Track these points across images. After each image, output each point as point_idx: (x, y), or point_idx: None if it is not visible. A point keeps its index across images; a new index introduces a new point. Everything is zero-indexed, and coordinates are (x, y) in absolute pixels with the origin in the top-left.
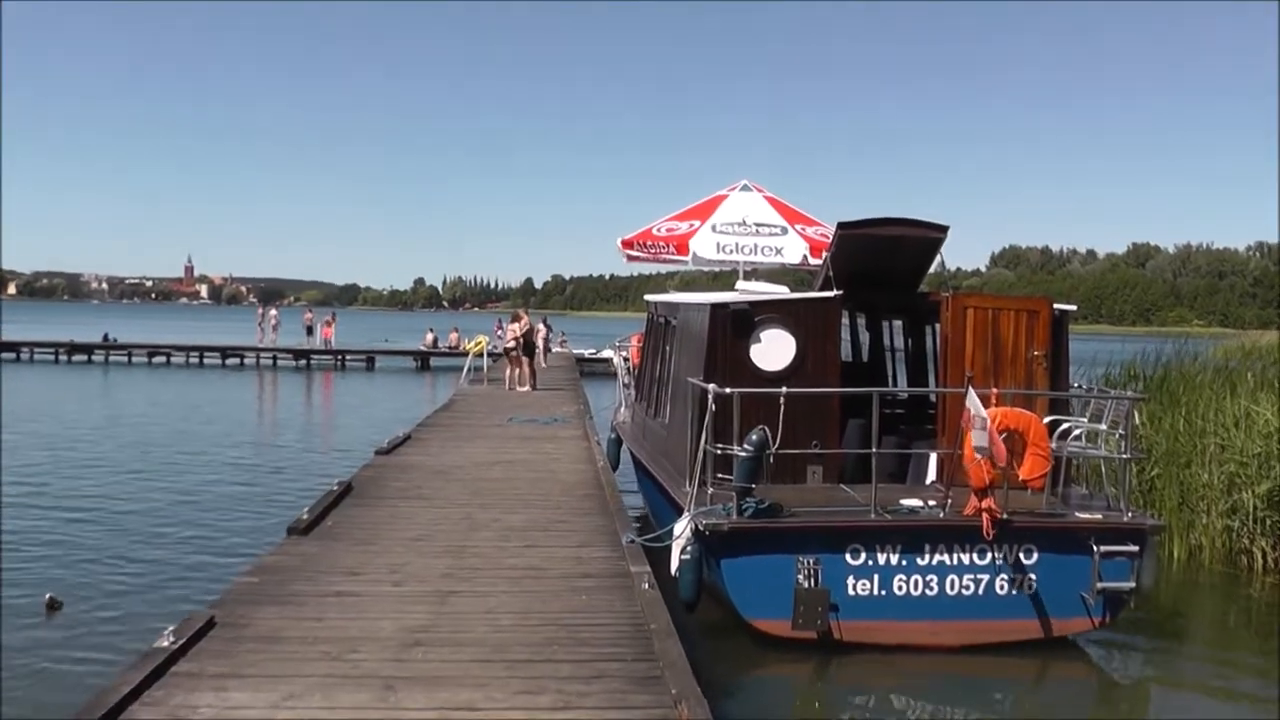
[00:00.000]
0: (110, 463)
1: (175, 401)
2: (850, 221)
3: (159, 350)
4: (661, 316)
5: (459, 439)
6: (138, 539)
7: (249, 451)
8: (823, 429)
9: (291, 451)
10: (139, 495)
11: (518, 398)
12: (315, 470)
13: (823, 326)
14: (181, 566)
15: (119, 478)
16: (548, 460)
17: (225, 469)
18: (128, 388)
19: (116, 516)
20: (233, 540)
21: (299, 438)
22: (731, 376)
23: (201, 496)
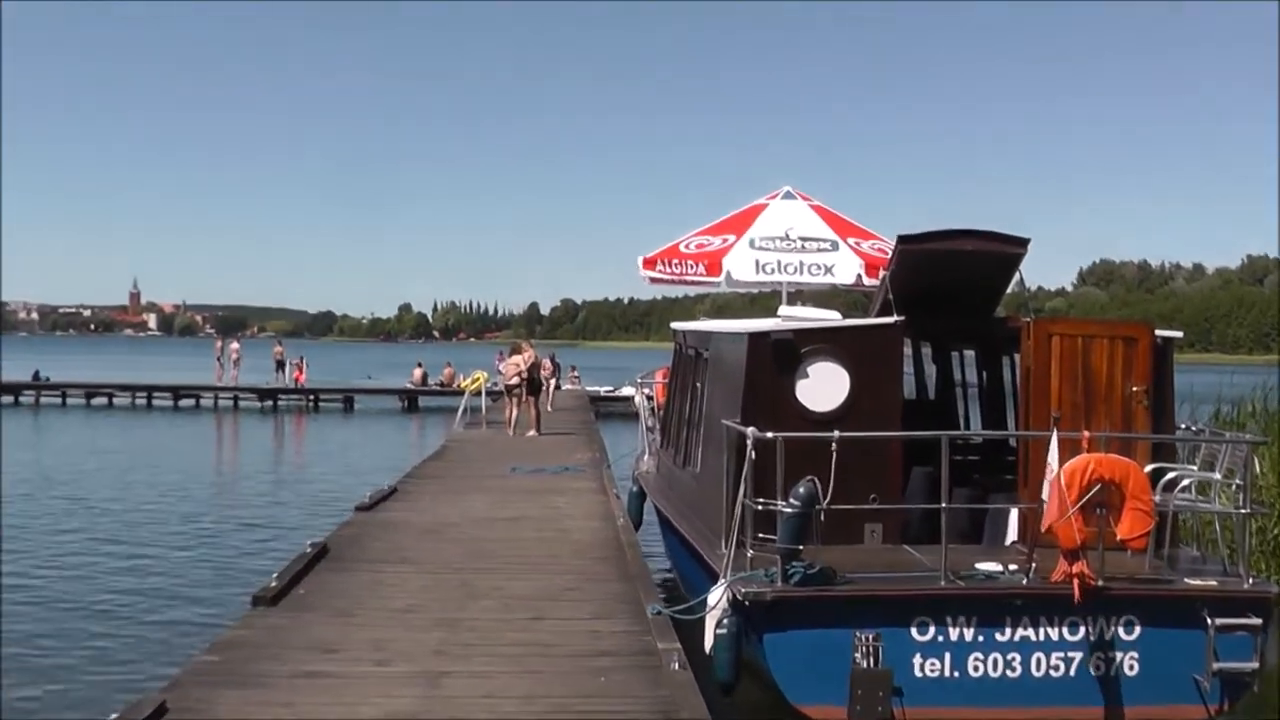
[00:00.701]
0: (43, 523)
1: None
2: (912, 235)
3: (99, 390)
4: (691, 348)
5: (453, 492)
6: (78, 611)
7: (207, 508)
8: (882, 480)
9: (257, 507)
10: (79, 561)
11: (522, 443)
12: (285, 529)
13: (881, 358)
14: (129, 643)
15: (54, 539)
16: (558, 516)
17: (179, 529)
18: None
19: (53, 585)
20: (189, 612)
21: (265, 491)
22: (774, 418)
23: (152, 561)
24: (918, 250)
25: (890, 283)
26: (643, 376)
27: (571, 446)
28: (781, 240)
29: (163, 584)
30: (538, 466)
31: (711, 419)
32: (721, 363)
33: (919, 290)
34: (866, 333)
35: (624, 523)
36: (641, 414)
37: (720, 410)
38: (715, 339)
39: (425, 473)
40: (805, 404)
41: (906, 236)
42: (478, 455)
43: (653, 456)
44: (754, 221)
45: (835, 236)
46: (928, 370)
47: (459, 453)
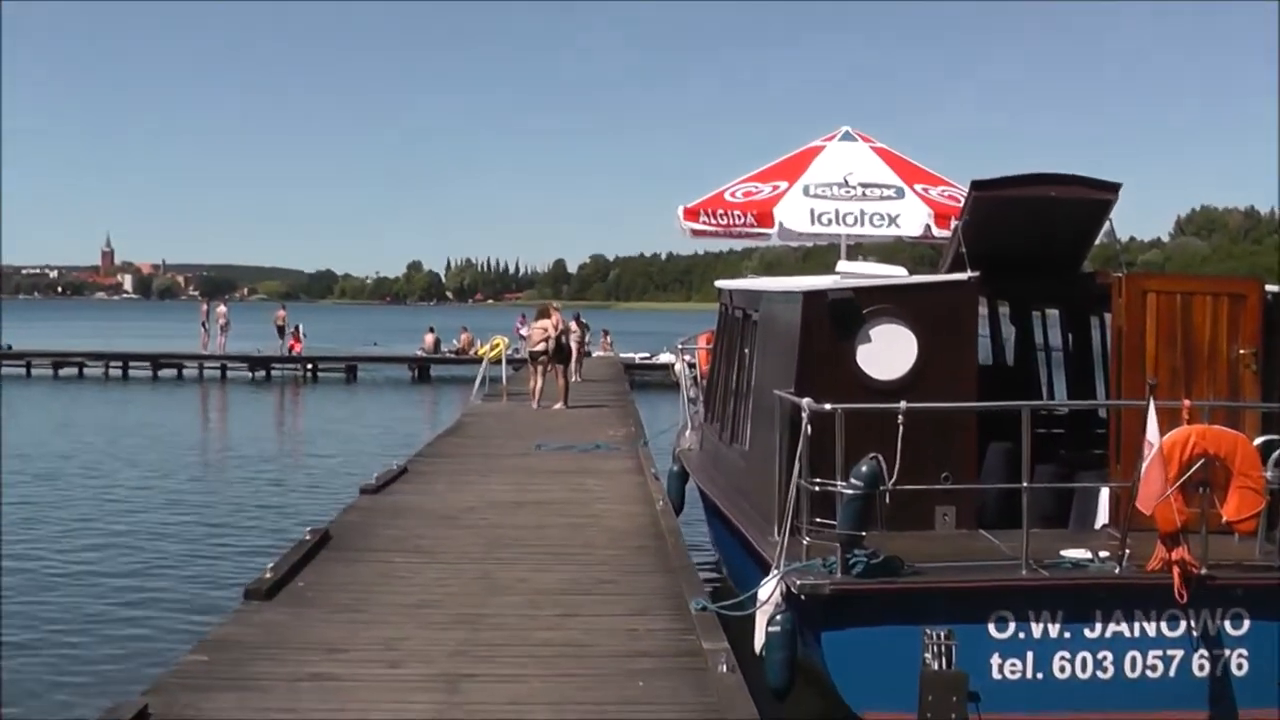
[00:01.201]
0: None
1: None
2: (988, 180)
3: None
4: (738, 309)
5: (471, 472)
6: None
7: (192, 490)
8: (955, 457)
9: (248, 490)
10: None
11: (547, 417)
12: (281, 514)
13: (953, 320)
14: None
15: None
16: (589, 500)
17: (161, 515)
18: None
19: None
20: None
21: (258, 471)
22: (832, 388)
23: (131, 551)
24: (994, 197)
25: (963, 234)
26: (683, 342)
27: (603, 421)
28: (840, 187)
29: (144, 577)
30: (566, 444)
31: (761, 389)
32: (773, 326)
33: (996, 242)
34: (936, 291)
35: (664, 507)
36: (682, 384)
37: (771, 379)
38: (765, 299)
39: (439, 451)
40: (867, 372)
41: (982, 182)
42: (498, 431)
43: (695, 432)
44: (809, 166)
45: (900, 182)
46: (1005, 333)
47: (477, 428)
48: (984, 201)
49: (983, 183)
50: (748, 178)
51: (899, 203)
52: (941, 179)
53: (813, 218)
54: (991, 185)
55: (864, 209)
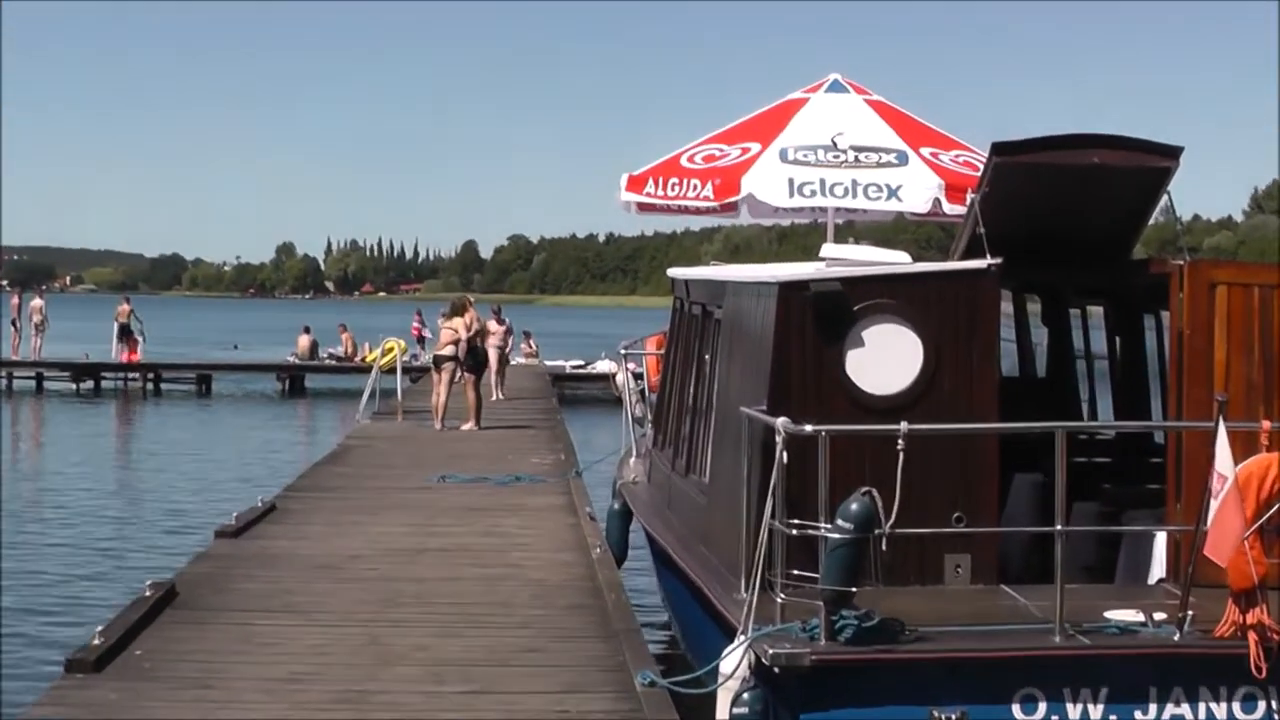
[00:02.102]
0: None
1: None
2: (1013, 142)
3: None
4: (696, 305)
5: (357, 510)
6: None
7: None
8: (971, 492)
9: (72, 532)
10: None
11: (455, 442)
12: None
13: (969, 319)
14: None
15: None
16: (507, 546)
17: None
18: None
19: None
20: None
21: (83, 508)
22: (815, 404)
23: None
24: (1021, 164)
25: (982, 210)
26: (627, 346)
27: (526, 446)
28: (826, 150)
29: None
30: (478, 475)
31: (726, 406)
32: (740, 325)
33: (1024, 221)
34: (948, 282)
35: (602, 554)
36: (626, 399)
37: (738, 393)
38: (731, 292)
39: (316, 483)
40: (860, 384)
41: (1005, 145)
42: (391, 458)
43: (642, 460)
44: (787, 124)
45: (903, 145)
46: (1035, 336)
47: (364, 455)
48: (1008, 169)
49: (1006, 145)
50: (710, 138)
51: (901, 170)
52: (955, 141)
53: (791, 189)
54: (1018, 149)
55: (856, 178)
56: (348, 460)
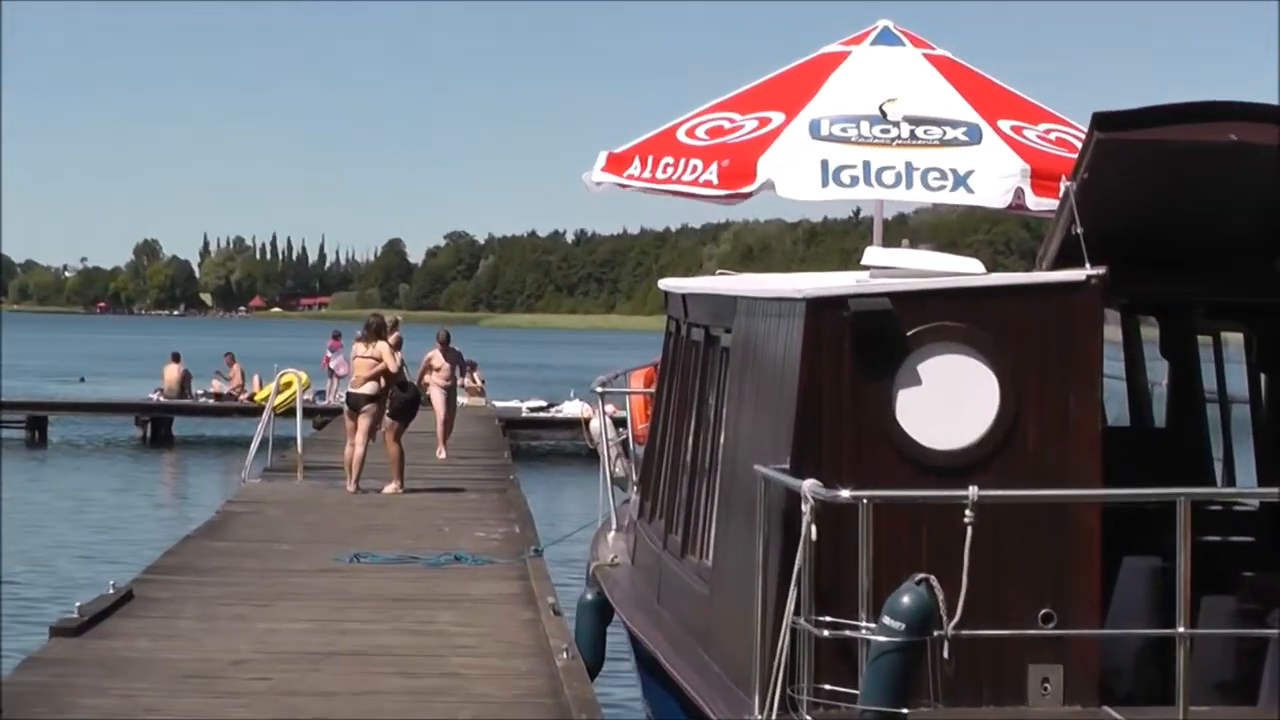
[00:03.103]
0: None
1: None
2: (1121, 114)
3: None
4: (697, 327)
5: (242, 600)
6: None
7: None
8: (1063, 580)
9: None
10: None
11: (374, 509)
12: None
13: (1061, 349)
14: None
15: None
16: (444, 649)
17: None
18: None
19: None
20: None
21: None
22: (855, 461)
23: None
24: (1133, 142)
25: (1080, 203)
26: (604, 382)
27: (467, 514)
28: (873, 123)
29: None
30: (404, 554)
31: (736, 464)
32: (756, 355)
33: (1136, 218)
34: (1034, 299)
35: (569, 662)
36: (603, 454)
37: (753, 447)
38: (744, 310)
39: (187, 563)
40: (914, 435)
41: (1111, 116)
42: (288, 531)
43: (624, 535)
44: (821, 87)
45: (976, 117)
46: (1152, 371)
47: (253, 525)
48: (1115, 149)
49: (1112, 117)
50: (717, 104)
51: (972, 150)
52: (1045, 111)
53: (825, 174)
54: (1127, 122)
55: (912, 160)
56: (229, 532)
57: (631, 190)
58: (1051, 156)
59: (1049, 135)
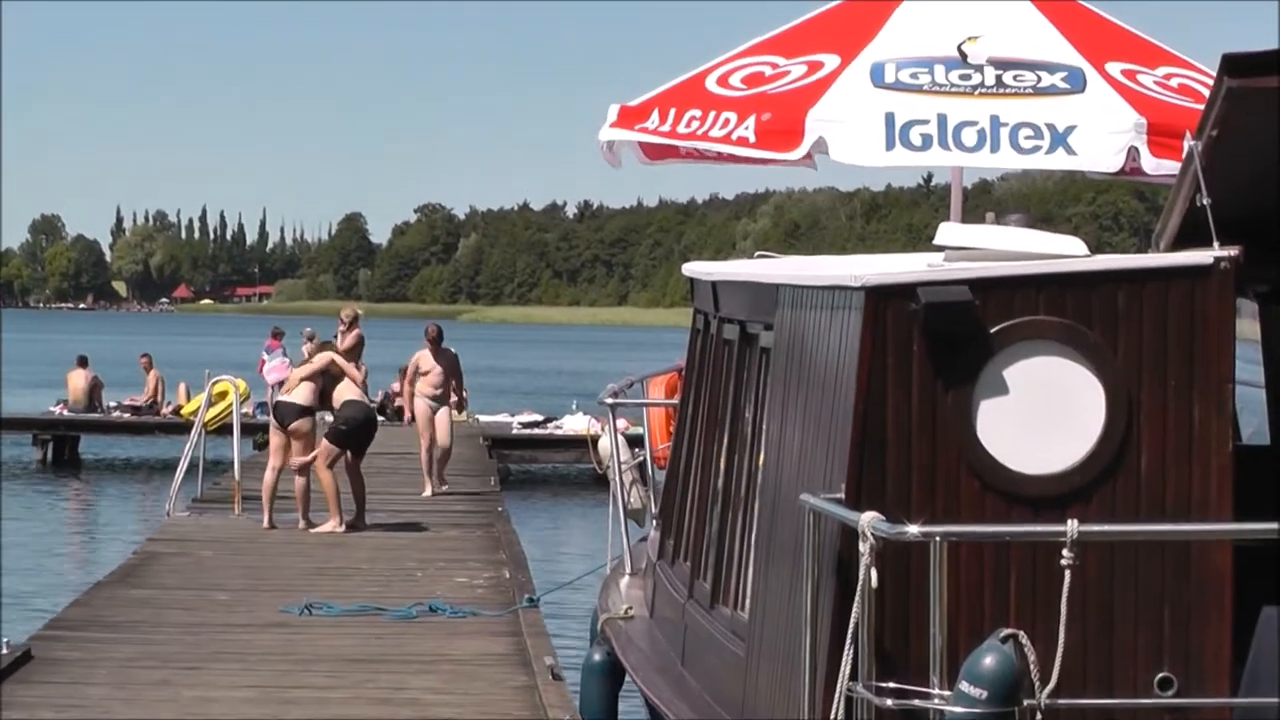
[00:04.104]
0: None
1: None
2: (1261, 55)
3: None
4: (730, 322)
5: (165, 662)
6: None
7: None
8: (1186, 636)
9: None
10: None
11: (328, 549)
12: None
13: (1184, 349)
14: None
15: None
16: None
17: None
18: None
19: None
20: None
21: None
22: (926, 489)
23: None
24: (1274, 91)
25: (1207, 168)
26: (617, 390)
27: (446, 554)
28: (950, 68)
29: None
30: (365, 604)
31: (779, 492)
32: (802, 358)
33: (1277, 189)
34: (1150, 287)
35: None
36: (615, 480)
37: (800, 471)
38: (787, 302)
39: (98, 615)
40: (999, 456)
41: (1246, 59)
42: (224, 575)
43: (642, 580)
44: (885, 23)
45: (1079, 59)
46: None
47: (179, 569)
48: (1253, 99)
49: (1248, 60)
50: (755, 46)
51: (1075, 101)
52: (1168, 53)
53: (891, 131)
54: (1269, 65)
55: (999, 113)
56: (150, 578)
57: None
58: (1174, 108)
59: (1170, 81)
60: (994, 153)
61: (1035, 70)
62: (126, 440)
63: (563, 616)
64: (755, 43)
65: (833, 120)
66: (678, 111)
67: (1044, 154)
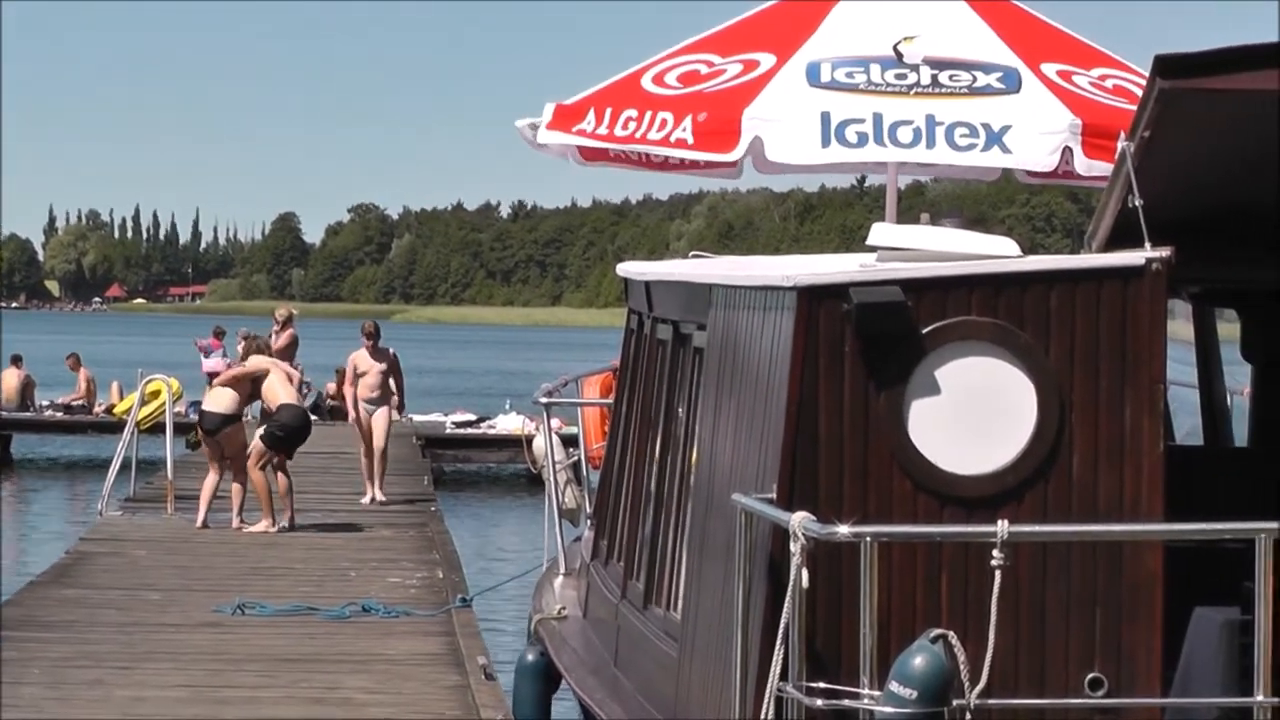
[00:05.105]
0: None
1: None
2: (1191, 56)
3: None
4: (664, 322)
5: (98, 662)
6: None
7: None
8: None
9: None
10: None
11: (261, 548)
12: None
13: (1115, 350)
14: None
15: None
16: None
17: None
18: None
19: None
20: None
21: None
22: (858, 489)
23: None
24: (1207, 92)
25: (1139, 168)
26: (551, 390)
27: (378, 555)
28: (886, 67)
29: None
30: (298, 604)
31: (712, 492)
32: (735, 358)
33: (1211, 188)
34: (1080, 289)
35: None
36: (550, 480)
37: (733, 471)
38: (721, 302)
39: (30, 615)
40: (931, 457)
41: (1178, 60)
42: (156, 574)
43: (575, 579)
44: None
45: (1014, 59)
46: (1231, 381)
47: (111, 569)
48: (1185, 100)
49: (1181, 61)
50: (693, 44)
51: (1010, 101)
52: (1103, 54)
53: (826, 130)
54: (1200, 66)
55: (935, 113)
56: (83, 577)
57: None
58: (1108, 109)
59: (1105, 82)
60: (929, 150)
61: (971, 70)
62: (59, 439)
63: (496, 617)
64: (691, 41)
65: (769, 119)
66: (614, 112)
67: (979, 152)
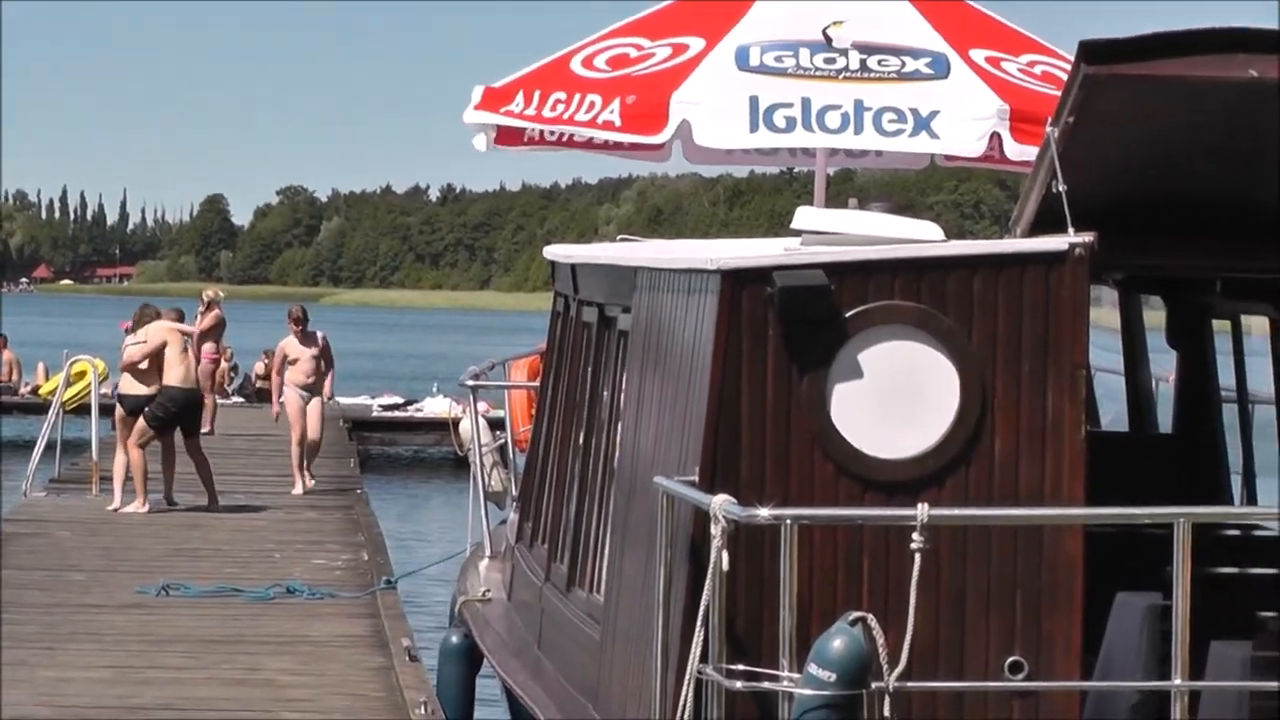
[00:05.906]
0: None
1: None
2: (1114, 42)
3: None
4: (590, 305)
5: (20, 643)
6: None
7: None
8: (1037, 621)
9: None
10: None
11: (186, 529)
12: None
13: (1039, 335)
14: None
15: None
16: (273, 703)
17: None
18: None
19: None
20: None
21: None
22: (779, 472)
23: None
24: (1130, 78)
25: (1063, 154)
26: (478, 373)
27: (303, 536)
28: (815, 52)
29: None
30: (223, 584)
31: (635, 475)
32: (660, 341)
33: (1135, 174)
34: (1003, 273)
35: (428, 717)
36: (475, 463)
37: (656, 454)
38: (646, 285)
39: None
40: (852, 440)
41: (1101, 46)
42: (79, 556)
43: (500, 563)
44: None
45: (942, 44)
46: (1155, 368)
47: (33, 549)
48: (1108, 86)
49: (1104, 48)
50: (622, 27)
51: (938, 86)
52: (1032, 40)
53: (755, 115)
54: (1123, 52)
55: (863, 98)
56: (7, 558)
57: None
58: (1037, 95)
59: (1034, 69)
60: (858, 135)
61: (899, 55)
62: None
63: (421, 599)
64: (621, 24)
65: (696, 103)
66: (543, 94)
67: (907, 137)
